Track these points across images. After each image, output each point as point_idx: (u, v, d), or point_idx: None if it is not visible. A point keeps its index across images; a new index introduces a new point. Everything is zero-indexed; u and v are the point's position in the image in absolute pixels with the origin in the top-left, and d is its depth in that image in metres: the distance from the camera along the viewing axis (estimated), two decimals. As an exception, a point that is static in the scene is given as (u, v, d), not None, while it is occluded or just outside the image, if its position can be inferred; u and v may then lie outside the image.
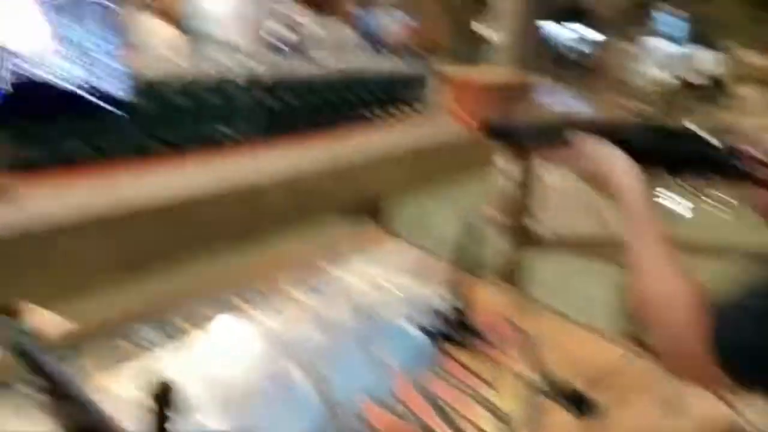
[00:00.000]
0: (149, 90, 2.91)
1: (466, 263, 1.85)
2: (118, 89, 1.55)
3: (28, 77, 1.39)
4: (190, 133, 3.23)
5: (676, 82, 15.63)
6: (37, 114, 1.52)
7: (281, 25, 7.62)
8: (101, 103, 1.53)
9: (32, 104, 1.43)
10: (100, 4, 1.42)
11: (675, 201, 1.14)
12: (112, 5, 1.45)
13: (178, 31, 7.61)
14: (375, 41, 8.53)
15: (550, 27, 15.98)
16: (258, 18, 6.26)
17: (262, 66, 3.91)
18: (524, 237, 3.92)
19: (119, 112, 1.60)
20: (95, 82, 1.50)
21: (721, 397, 1.50)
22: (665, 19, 17.38)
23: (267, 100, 3.90)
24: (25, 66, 1.38)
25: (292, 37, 7.60)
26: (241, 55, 5.87)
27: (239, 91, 3.66)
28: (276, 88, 3.91)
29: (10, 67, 1.31)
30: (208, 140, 3.38)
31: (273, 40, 7.23)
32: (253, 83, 3.74)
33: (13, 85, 1.36)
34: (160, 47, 6.77)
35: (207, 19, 6.23)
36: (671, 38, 17.47)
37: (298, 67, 4.34)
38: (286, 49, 7.42)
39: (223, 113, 3.45)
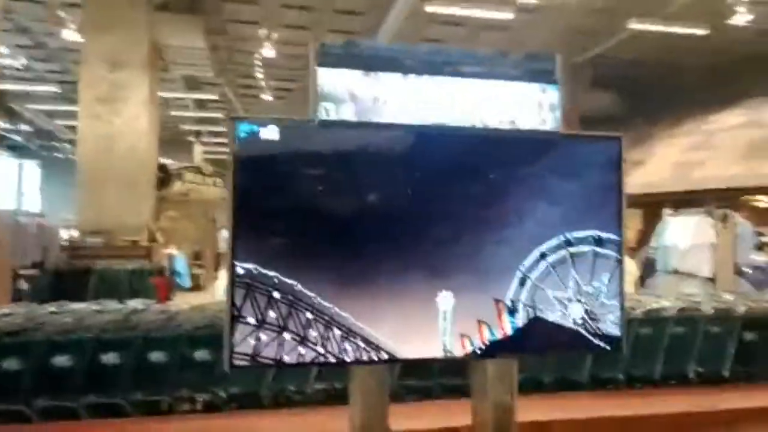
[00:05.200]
0: (632, 326, 3.00)
1: None
2: (612, 327, 1.66)
3: (537, 316, 1.64)
4: (667, 369, 3.11)
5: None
6: (542, 348, 1.73)
7: (757, 254, 6.92)
8: (595, 340, 1.66)
9: (540, 340, 1.66)
10: (606, 256, 1.63)
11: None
12: (615, 255, 1.63)
13: (637, 264, 7.80)
14: None
15: None
16: (731, 249, 5.88)
17: (741, 300, 3.56)
18: None
19: (608, 348, 1.69)
20: (592, 322, 1.65)
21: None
22: None
23: (747, 337, 3.46)
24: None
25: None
26: (713, 288, 5.53)
27: (715, 326, 3.37)
28: (755, 322, 3.45)
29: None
30: (683, 377, 3.16)
31: (748, 271, 6.58)
32: (731, 318, 3.40)
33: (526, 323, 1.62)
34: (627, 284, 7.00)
35: (671, 252, 6.22)
36: None
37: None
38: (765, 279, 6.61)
39: (700, 349, 3.20)
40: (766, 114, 11.14)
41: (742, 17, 9.67)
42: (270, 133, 1.48)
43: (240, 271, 1.45)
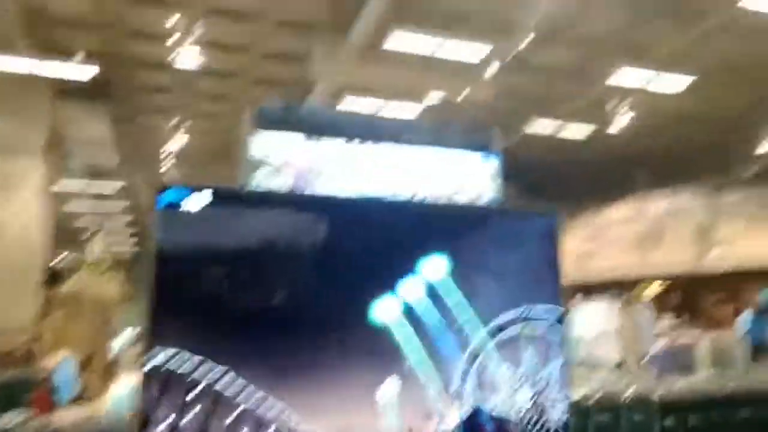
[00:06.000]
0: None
1: None
2: (561, 416, 1.58)
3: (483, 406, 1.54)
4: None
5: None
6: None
7: (662, 342, 7.24)
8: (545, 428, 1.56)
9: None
10: (546, 341, 1.58)
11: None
12: (559, 338, 1.58)
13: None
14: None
15: None
16: (635, 336, 6.12)
17: (657, 385, 3.64)
18: None
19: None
20: (539, 410, 1.56)
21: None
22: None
23: (663, 421, 3.51)
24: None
25: (676, 353, 7.09)
26: (628, 374, 5.66)
27: (633, 412, 3.39)
28: (671, 407, 3.52)
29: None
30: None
31: (654, 358, 6.84)
32: (646, 403, 3.45)
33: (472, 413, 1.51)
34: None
35: (579, 342, 6.34)
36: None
37: (690, 385, 3.92)
38: (671, 366, 6.88)
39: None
40: (650, 208, 12.21)
41: (621, 120, 10.67)
42: (197, 202, 1.35)
43: (157, 359, 1.25)
